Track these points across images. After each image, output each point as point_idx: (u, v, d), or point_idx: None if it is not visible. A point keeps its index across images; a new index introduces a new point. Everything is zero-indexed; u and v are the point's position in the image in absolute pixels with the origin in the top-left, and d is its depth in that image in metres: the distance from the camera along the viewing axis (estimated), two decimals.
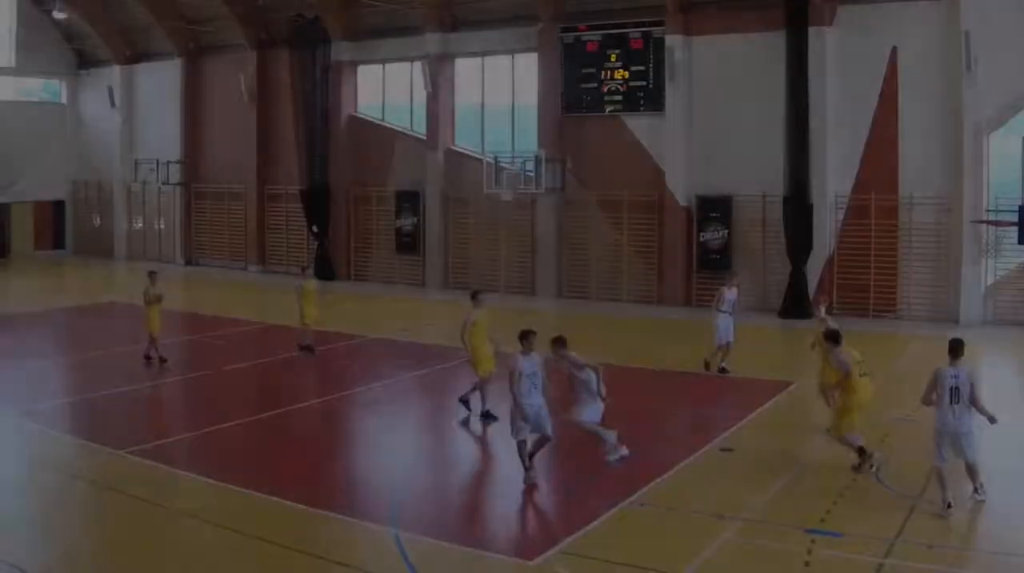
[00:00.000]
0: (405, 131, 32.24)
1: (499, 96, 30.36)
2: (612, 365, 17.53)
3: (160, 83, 38.82)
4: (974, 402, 10.65)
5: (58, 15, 38.01)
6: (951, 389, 10.65)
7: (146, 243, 40.12)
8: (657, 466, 12.85)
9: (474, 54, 30.54)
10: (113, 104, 40.10)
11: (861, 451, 12.46)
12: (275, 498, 11.87)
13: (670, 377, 19.04)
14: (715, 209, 26.00)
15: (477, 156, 30.10)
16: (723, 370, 18.46)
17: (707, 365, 18.53)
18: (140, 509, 11.82)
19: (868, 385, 12.73)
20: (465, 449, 15.35)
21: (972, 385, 10.63)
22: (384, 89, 33.10)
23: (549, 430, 12.19)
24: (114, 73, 40.32)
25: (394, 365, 20.25)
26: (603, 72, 27.70)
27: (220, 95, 36.76)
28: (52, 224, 42.87)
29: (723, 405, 16.84)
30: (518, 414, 12.00)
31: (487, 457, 14.80)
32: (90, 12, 38.72)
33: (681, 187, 26.37)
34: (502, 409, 14.31)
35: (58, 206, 42.94)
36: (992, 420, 10.76)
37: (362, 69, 33.41)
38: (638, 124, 27.25)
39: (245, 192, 36.18)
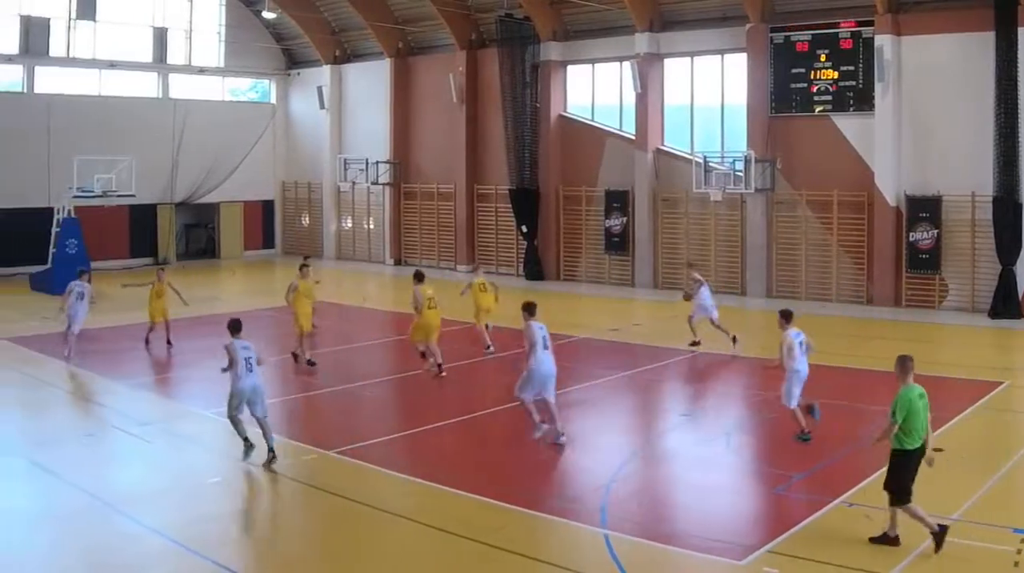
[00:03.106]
0: (614, 131, 38.97)
1: (708, 96, 36.45)
2: (820, 365, 22.25)
3: (369, 83, 47.54)
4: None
5: (267, 15, 46.34)
6: (543, 338, 17.08)
7: (355, 243, 48.44)
8: (865, 466, 14.69)
9: (683, 54, 36.76)
10: (323, 106, 48.23)
11: (423, 355, 22.68)
12: (484, 498, 14.07)
13: (879, 377, 21.59)
14: (924, 209, 31.20)
15: (686, 156, 36.43)
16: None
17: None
18: (349, 509, 14.06)
19: (437, 314, 22.82)
20: (673, 450, 17.89)
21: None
22: (593, 89, 39.79)
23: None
24: (323, 73, 49.12)
25: (603, 365, 23.61)
26: (812, 72, 33.27)
27: (429, 95, 44.87)
28: (261, 224, 52.00)
29: (933, 405, 20.62)
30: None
31: (695, 458, 17.06)
32: (299, 12, 47.27)
33: (890, 187, 31.71)
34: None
35: (267, 206, 52.21)
36: None
37: (571, 69, 40.29)
38: (847, 124, 32.78)
39: (454, 192, 43.71)
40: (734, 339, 24.79)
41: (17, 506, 14.56)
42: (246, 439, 16.21)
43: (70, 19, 44.52)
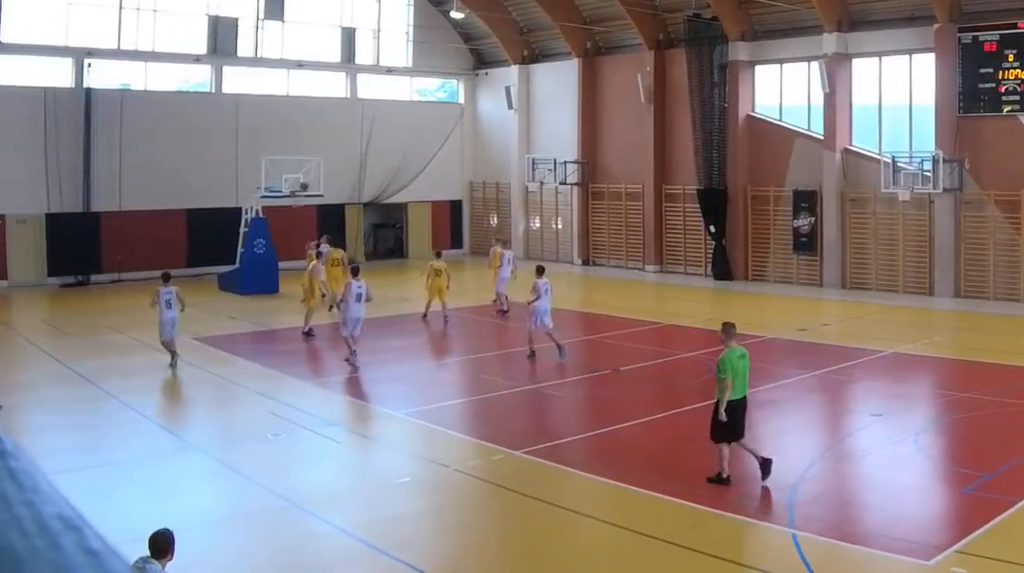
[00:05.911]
0: (802, 131, 43.58)
1: (896, 95, 40.55)
2: (1010, 365, 25.74)
3: (556, 83, 53.40)
4: None
5: (455, 15, 52.03)
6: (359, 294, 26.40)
7: (543, 243, 54.04)
8: None
9: (871, 54, 41.05)
10: (511, 106, 54.11)
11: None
12: (673, 499, 15.33)
13: None
14: None
15: (874, 156, 40.75)
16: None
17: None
18: (536, 509, 15.30)
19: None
20: (862, 450, 18.96)
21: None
22: (781, 89, 44.49)
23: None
24: (511, 73, 55.19)
25: (792, 365, 25.51)
26: (1000, 72, 37.13)
27: (617, 95, 50.37)
28: (449, 224, 58.08)
29: None
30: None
31: (883, 458, 18.04)
32: (487, 13, 53.28)
33: None
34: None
35: (455, 206, 58.38)
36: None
37: (759, 69, 44.96)
38: None
39: (642, 192, 49.05)
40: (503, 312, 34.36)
41: (207, 506, 16.13)
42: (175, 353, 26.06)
43: (258, 19, 49.99)
